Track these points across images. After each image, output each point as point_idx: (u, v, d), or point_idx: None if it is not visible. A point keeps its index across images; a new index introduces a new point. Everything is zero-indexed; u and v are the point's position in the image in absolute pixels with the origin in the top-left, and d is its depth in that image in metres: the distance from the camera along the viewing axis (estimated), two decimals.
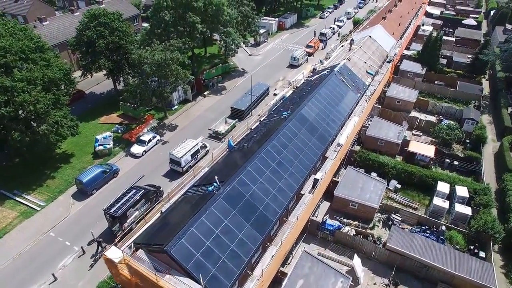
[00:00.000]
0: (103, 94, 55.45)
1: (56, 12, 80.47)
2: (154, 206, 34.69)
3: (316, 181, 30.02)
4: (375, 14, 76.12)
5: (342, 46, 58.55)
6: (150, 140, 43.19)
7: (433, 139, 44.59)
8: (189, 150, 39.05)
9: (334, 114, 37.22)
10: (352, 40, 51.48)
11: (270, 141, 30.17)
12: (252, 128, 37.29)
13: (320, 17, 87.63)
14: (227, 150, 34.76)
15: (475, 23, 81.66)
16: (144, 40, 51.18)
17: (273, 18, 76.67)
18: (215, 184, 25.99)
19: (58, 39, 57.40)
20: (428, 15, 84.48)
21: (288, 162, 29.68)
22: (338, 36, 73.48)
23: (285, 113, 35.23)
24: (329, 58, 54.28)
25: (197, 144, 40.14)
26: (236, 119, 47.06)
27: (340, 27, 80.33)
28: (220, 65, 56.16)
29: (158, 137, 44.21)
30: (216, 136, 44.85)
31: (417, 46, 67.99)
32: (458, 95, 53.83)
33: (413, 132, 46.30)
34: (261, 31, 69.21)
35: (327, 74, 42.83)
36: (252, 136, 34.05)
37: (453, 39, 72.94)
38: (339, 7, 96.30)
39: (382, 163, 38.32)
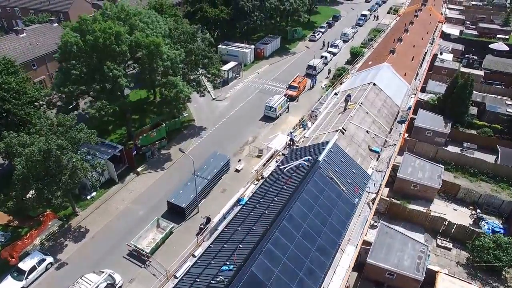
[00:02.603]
0: (1, 168, 41.25)
1: None
2: None
3: None
4: (380, 39, 62.48)
5: (336, 94, 44.69)
6: (34, 268, 29.13)
7: (470, 256, 30.85)
8: None
9: (314, 257, 23.17)
10: (348, 96, 37.59)
11: None
12: (177, 276, 23.31)
13: (310, 40, 73.67)
14: None
15: (507, 48, 68.04)
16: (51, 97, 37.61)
17: (247, 46, 62.66)
18: None
19: None
20: (445, 36, 70.87)
21: None
22: (329, 72, 59.31)
23: (226, 268, 21.18)
24: (316, 116, 40.34)
25: (97, 285, 26.12)
26: (173, 225, 33.00)
27: (334, 54, 66.41)
28: (163, 125, 41.94)
29: (50, 260, 30.17)
30: (138, 256, 30.77)
31: (435, 85, 54.36)
32: (501, 171, 39.96)
33: (438, 241, 32.47)
34: (229, 66, 55.27)
35: (307, 167, 28.86)
36: None
37: (481, 72, 59.29)
38: (334, 24, 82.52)
39: None
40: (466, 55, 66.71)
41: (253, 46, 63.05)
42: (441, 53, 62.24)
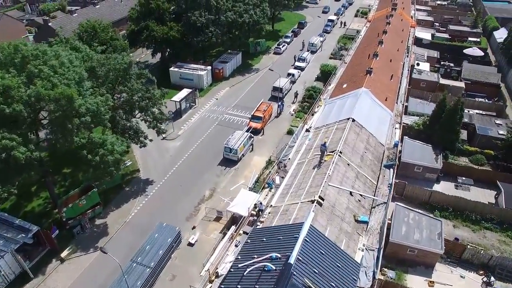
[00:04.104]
0: None
1: None
2: None
3: None
4: (352, 52, 53.74)
5: (307, 131, 35.60)
6: None
7: None
8: None
9: None
10: (323, 145, 28.49)
11: None
12: None
13: (275, 52, 63.98)
14: None
15: (481, 53, 61.06)
16: None
17: (203, 67, 52.33)
18: None
19: None
20: (417, 41, 62.98)
21: None
22: (295, 97, 49.91)
23: None
24: (285, 166, 30.99)
25: None
26: None
27: (302, 69, 57.20)
28: (95, 189, 31.51)
29: None
30: None
31: (416, 104, 46.35)
32: (507, 216, 32.27)
33: None
34: (181, 95, 45.06)
35: (275, 272, 19.63)
36: None
37: (462, 84, 51.76)
38: (299, 33, 72.88)
39: None
40: (442, 63, 59.21)
41: (209, 67, 52.78)
42: (418, 64, 54.25)
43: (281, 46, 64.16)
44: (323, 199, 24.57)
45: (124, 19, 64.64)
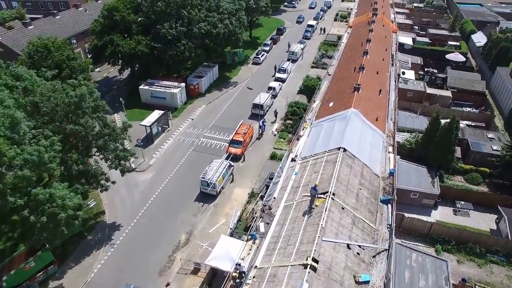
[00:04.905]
0: None
1: None
2: None
3: None
4: (336, 61, 49.02)
5: (293, 160, 30.67)
6: None
7: None
8: None
9: None
10: (314, 190, 23.71)
11: None
12: None
13: (254, 63, 58.68)
14: None
15: (463, 59, 57.79)
16: None
17: (176, 84, 46.53)
18: None
19: None
20: (400, 47, 59.00)
21: None
22: (275, 115, 44.81)
23: None
24: (270, 209, 25.98)
25: None
26: None
27: (283, 80, 52.27)
28: (45, 249, 25.62)
29: None
30: None
31: (406, 118, 42.40)
32: None
33: None
34: (151, 119, 39.30)
35: None
36: None
37: (449, 93, 48.06)
38: (279, 39, 67.65)
39: None
40: (425, 69, 55.57)
41: (183, 84, 46.95)
42: (403, 73, 50.31)
43: (260, 56, 58.68)
44: (317, 261, 19.72)
45: (90, 30, 57.71)
